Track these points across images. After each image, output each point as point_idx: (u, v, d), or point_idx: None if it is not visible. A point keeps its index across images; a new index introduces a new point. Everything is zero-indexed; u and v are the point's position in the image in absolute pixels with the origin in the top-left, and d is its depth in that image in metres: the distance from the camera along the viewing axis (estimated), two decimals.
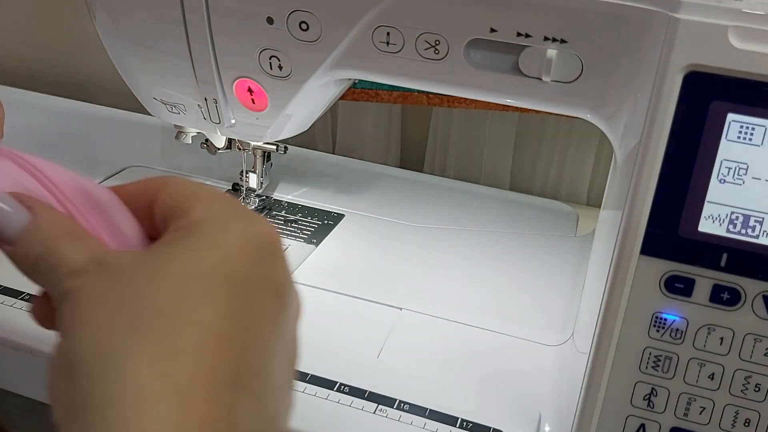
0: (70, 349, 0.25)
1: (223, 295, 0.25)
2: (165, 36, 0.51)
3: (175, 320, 0.24)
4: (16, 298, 0.51)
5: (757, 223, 0.37)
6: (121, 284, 0.25)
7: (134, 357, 0.23)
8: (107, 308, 0.25)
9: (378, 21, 0.44)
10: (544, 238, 0.67)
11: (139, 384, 0.23)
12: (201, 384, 0.24)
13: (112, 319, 0.24)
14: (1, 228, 0.27)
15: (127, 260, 0.26)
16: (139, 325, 0.24)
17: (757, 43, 0.36)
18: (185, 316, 0.24)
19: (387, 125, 0.87)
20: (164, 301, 0.25)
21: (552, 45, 0.42)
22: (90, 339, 0.24)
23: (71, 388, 0.24)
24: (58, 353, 0.25)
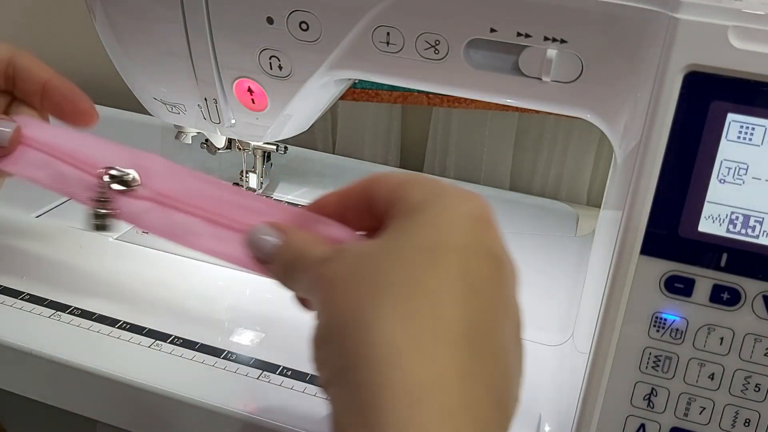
0: (327, 323, 0.30)
1: (449, 263, 0.29)
2: (165, 36, 0.51)
3: (411, 288, 0.28)
4: (16, 298, 0.51)
5: (757, 223, 0.37)
6: (362, 264, 0.30)
7: (382, 320, 0.27)
8: (353, 284, 0.29)
9: (378, 21, 0.44)
10: (544, 238, 0.67)
11: (390, 342, 0.27)
12: (441, 339, 0.27)
13: (358, 291, 0.29)
14: (262, 251, 0.36)
15: (363, 246, 0.31)
16: (380, 294, 0.28)
17: (758, 43, 0.36)
18: (419, 283, 0.28)
19: (387, 125, 0.86)
20: (399, 273, 0.28)
21: (552, 45, 0.42)
22: (342, 310, 0.29)
23: (333, 354, 0.28)
24: (317, 329, 0.30)
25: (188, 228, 0.42)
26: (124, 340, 0.48)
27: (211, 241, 0.41)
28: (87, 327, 0.49)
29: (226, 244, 0.41)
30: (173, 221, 0.42)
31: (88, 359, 0.46)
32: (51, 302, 0.51)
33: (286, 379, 0.46)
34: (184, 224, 0.42)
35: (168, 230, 0.42)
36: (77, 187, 0.44)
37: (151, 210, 0.43)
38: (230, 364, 0.47)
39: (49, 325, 0.49)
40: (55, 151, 0.45)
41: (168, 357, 0.47)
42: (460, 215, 0.31)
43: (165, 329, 0.49)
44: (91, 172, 0.44)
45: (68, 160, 0.45)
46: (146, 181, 0.43)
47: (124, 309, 0.51)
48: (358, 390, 0.27)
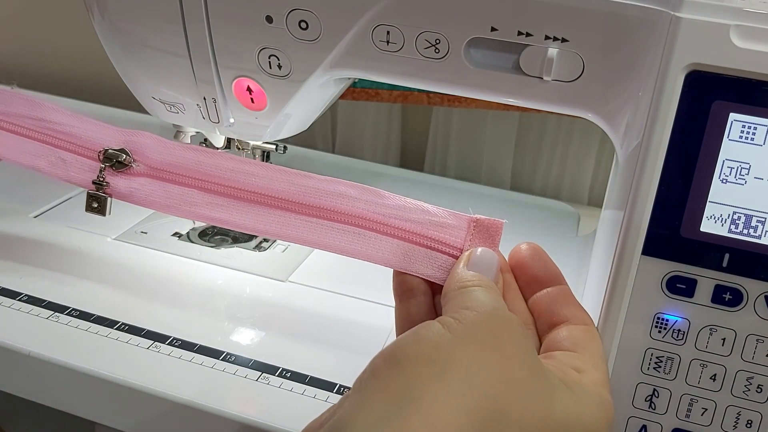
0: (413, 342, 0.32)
1: None
2: (163, 35, 0.50)
3: None
4: (14, 299, 0.51)
5: (759, 224, 0.37)
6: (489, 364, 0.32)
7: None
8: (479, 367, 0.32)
9: (378, 20, 0.44)
10: (545, 238, 0.67)
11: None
12: None
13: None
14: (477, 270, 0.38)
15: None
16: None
17: (760, 42, 0.36)
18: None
19: (387, 125, 0.86)
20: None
21: (553, 44, 0.42)
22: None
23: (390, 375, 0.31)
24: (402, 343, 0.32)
25: (185, 198, 0.43)
26: (123, 341, 0.48)
27: (209, 209, 0.42)
28: (85, 328, 0.49)
29: (224, 210, 0.42)
30: (169, 193, 0.43)
31: (87, 361, 0.46)
32: (49, 303, 0.51)
33: (285, 381, 0.46)
34: (180, 195, 0.43)
35: (166, 203, 0.43)
36: (77, 171, 0.46)
37: (146, 184, 0.44)
38: (229, 366, 0.47)
39: (47, 326, 0.49)
40: (51, 132, 0.47)
41: (167, 358, 0.47)
42: (602, 410, 0.35)
43: (164, 330, 0.49)
44: (89, 155, 0.46)
45: (66, 145, 0.47)
46: (139, 157, 0.45)
47: (123, 310, 0.51)
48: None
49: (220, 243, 0.61)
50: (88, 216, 0.63)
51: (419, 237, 0.40)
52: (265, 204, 0.42)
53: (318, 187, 0.42)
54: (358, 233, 0.41)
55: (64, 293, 0.52)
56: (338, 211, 0.41)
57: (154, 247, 0.60)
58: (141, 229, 0.62)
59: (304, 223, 0.42)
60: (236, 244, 0.61)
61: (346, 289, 0.56)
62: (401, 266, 0.40)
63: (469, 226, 0.40)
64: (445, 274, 0.39)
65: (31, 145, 0.48)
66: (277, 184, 0.42)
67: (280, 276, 0.57)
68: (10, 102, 0.49)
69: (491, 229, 0.40)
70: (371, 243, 0.41)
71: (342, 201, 0.41)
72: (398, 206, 0.41)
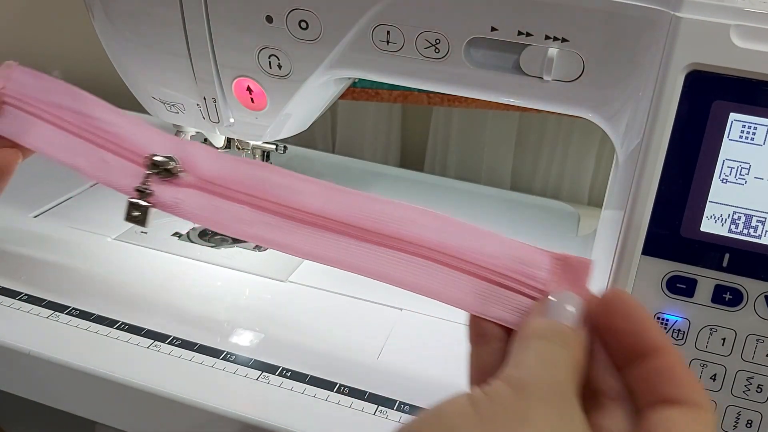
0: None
1: None
2: (163, 35, 0.50)
3: None
4: (14, 299, 0.51)
5: (759, 223, 0.37)
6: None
7: None
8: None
9: (378, 19, 0.44)
10: (545, 238, 0.67)
11: None
12: None
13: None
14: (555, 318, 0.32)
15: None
16: None
17: (760, 42, 0.36)
18: None
19: (387, 125, 0.86)
20: None
21: (553, 44, 0.42)
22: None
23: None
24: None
25: (235, 215, 0.40)
26: (123, 340, 0.48)
27: (261, 229, 0.39)
28: (85, 327, 0.49)
29: (277, 231, 0.39)
30: (218, 208, 0.40)
31: (87, 360, 0.46)
32: (49, 302, 0.51)
33: (285, 380, 0.46)
34: (230, 211, 0.40)
35: (214, 218, 0.40)
36: (119, 175, 0.43)
37: (194, 197, 0.41)
38: (229, 365, 0.47)
39: (47, 325, 0.49)
40: (95, 130, 0.44)
41: (167, 357, 0.47)
42: None
43: (164, 330, 0.49)
44: (135, 160, 0.43)
45: (109, 146, 0.43)
46: (188, 167, 0.41)
47: (123, 309, 0.51)
48: None
49: (220, 243, 0.61)
50: (88, 216, 0.63)
51: (495, 274, 0.35)
52: (322, 227, 0.38)
53: (381, 211, 0.38)
54: (425, 266, 0.36)
55: (65, 293, 0.52)
56: (404, 239, 0.37)
57: (154, 247, 0.60)
58: (141, 229, 0.62)
59: (364, 251, 0.37)
60: (236, 244, 0.61)
61: (346, 289, 0.56)
62: (474, 307, 0.35)
63: (552, 263, 0.35)
64: (521, 319, 0.33)
65: (71, 141, 0.45)
66: (334, 205, 0.38)
67: (280, 276, 0.57)
68: (53, 91, 0.47)
69: (578, 268, 0.34)
70: (440, 278, 0.36)
71: (408, 228, 0.37)
72: (472, 237, 0.36)
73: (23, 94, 0.47)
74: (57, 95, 0.46)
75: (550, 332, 0.30)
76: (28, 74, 0.48)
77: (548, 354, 0.29)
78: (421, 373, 0.48)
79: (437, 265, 0.36)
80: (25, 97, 0.47)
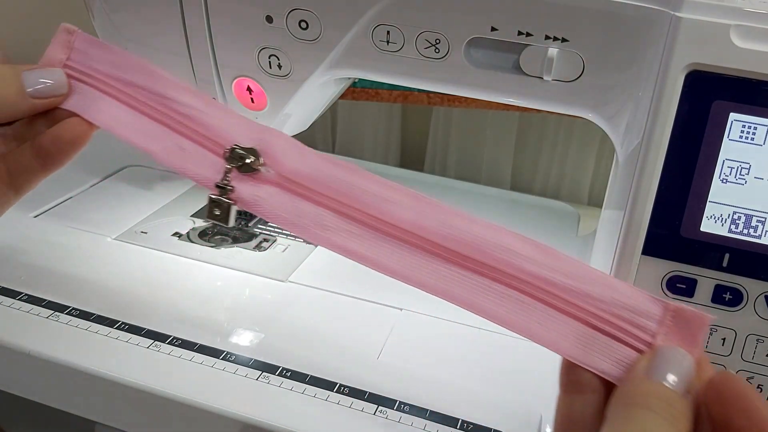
0: None
1: None
2: (164, 35, 0.50)
3: None
4: (14, 299, 0.51)
5: (759, 223, 0.37)
6: None
7: None
8: None
9: (378, 20, 0.44)
10: (545, 238, 0.67)
11: None
12: None
13: None
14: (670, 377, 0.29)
15: None
16: None
17: (760, 42, 0.36)
18: None
19: (387, 125, 0.86)
20: None
21: (553, 44, 0.42)
22: None
23: None
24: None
25: (318, 220, 0.37)
26: (123, 340, 0.48)
27: (344, 238, 0.36)
28: (85, 327, 0.49)
29: (361, 242, 0.36)
30: (300, 210, 0.37)
31: (87, 360, 0.46)
32: (49, 302, 0.51)
33: (285, 380, 0.46)
34: (313, 215, 0.37)
35: (294, 221, 0.37)
36: (196, 165, 0.40)
37: (275, 195, 0.38)
38: (229, 365, 0.47)
39: (47, 325, 0.49)
40: (172, 113, 0.41)
41: (167, 358, 0.47)
42: None
43: (164, 330, 0.49)
44: (213, 149, 0.40)
45: (188, 132, 0.40)
46: (270, 161, 0.38)
47: (123, 309, 0.51)
48: None
49: (220, 243, 0.61)
50: (88, 215, 0.63)
51: (599, 320, 0.32)
52: (411, 243, 0.35)
53: (479, 235, 0.34)
54: (523, 302, 0.33)
55: (64, 293, 0.52)
56: (502, 270, 0.34)
57: (154, 247, 0.60)
58: (141, 229, 0.62)
59: (456, 277, 0.34)
60: (236, 244, 0.61)
61: (346, 289, 0.56)
62: (572, 353, 0.32)
63: (664, 314, 0.31)
64: (624, 373, 0.31)
65: (145, 123, 0.41)
66: (427, 221, 0.35)
67: (280, 276, 0.57)
68: (123, 66, 0.42)
69: (694, 323, 0.30)
70: (538, 317, 0.33)
71: (508, 257, 0.34)
72: (578, 275, 0.33)
73: (89, 66, 0.43)
74: (128, 71, 0.42)
75: (658, 404, 0.27)
76: (93, 44, 0.43)
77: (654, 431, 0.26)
78: (421, 373, 0.48)
79: (538, 303, 0.33)
80: (90, 70, 0.43)
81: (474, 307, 0.34)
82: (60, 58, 0.43)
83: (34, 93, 0.41)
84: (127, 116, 0.41)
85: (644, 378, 0.29)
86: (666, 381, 0.28)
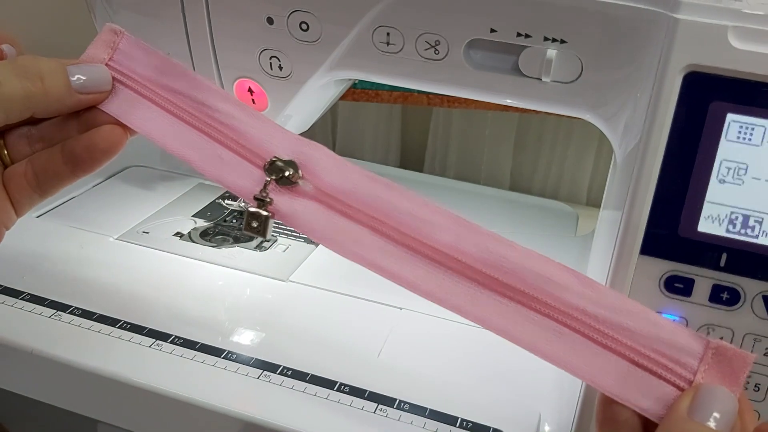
0: None
1: None
2: (165, 36, 0.51)
3: None
4: (17, 298, 0.51)
5: (756, 223, 0.37)
6: None
7: None
8: None
9: (378, 21, 0.44)
10: (543, 238, 0.67)
11: None
12: None
13: None
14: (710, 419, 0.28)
15: None
16: None
17: (757, 43, 0.36)
18: None
19: (387, 125, 0.87)
20: None
21: (552, 45, 0.42)
22: None
23: None
24: None
25: (354, 237, 0.36)
26: (125, 339, 0.48)
27: (380, 257, 0.35)
28: (87, 327, 0.49)
29: (398, 263, 0.35)
30: (337, 226, 0.37)
31: (89, 359, 0.46)
32: (51, 302, 0.51)
33: (286, 379, 0.46)
34: (349, 232, 0.36)
35: (330, 236, 0.37)
36: (234, 175, 0.39)
37: (312, 209, 0.37)
38: (230, 364, 0.47)
39: (49, 324, 0.49)
40: (212, 122, 0.40)
41: (168, 357, 0.47)
42: None
43: (165, 329, 0.49)
44: (252, 160, 0.39)
45: (227, 142, 0.39)
46: (309, 175, 0.38)
47: (125, 309, 0.51)
48: None
49: (221, 243, 0.61)
50: (90, 215, 0.63)
51: (640, 355, 0.31)
52: (448, 266, 0.35)
53: (518, 263, 0.34)
54: (562, 333, 0.32)
55: (67, 292, 0.52)
56: (541, 299, 0.33)
57: (155, 246, 0.60)
58: (143, 229, 0.62)
59: (493, 303, 0.34)
60: (237, 244, 0.61)
61: (346, 289, 0.56)
62: (611, 388, 0.31)
63: (706, 351, 0.31)
64: (663, 410, 0.30)
65: (185, 130, 0.40)
66: (467, 245, 0.34)
67: (281, 275, 0.58)
68: (166, 72, 0.42)
69: (735, 362, 0.30)
70: (577, 350, 0.32)
71: (548, 287, 0.33)
72: (618, 308, 0.32)
73: (131, 69, 0.42)
74: (171, 77, 0.41)
75: None
76: (138, 46, 0.42)
77: None
78: (421, 373, 0.48)
79: (576, 336, 0.32)
80: (132, 72, 0.42)
81: (510, 336, 0.33)
82: (102, 57, 0.42)
83: (80, 88, 0.40)
84: (166, 123, 0.41)
85: (687, 417, 0.28)
86: (710, 421, 0.28)
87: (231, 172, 0.39)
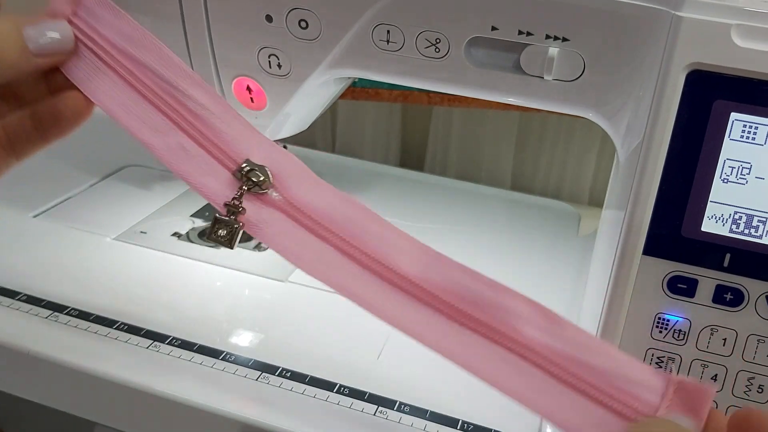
0: None
1: None
2: (163, 34, 0.50)
3: None
4: (14, 299, 0.51)
5: (760, 223, 0.37)
6: None
7: None
8: None
9: (378, 19, 0.44)
10: (545, 239, 0.67)
11: None
12: None
13: None
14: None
15: None
16: None
17: (761, 41, 0.36)
18: None
19: (387, 124, 0.86)
20: None
21: (554, 43, 0.41)
22: None
23: None
24: None
25: (321, 256, 0.35)
26: (122, 341, 0.48)
27: (347, 279, 0.34)
28: (85, 328, 0.49)
29: (364, 286, 0.34)
30: (304, 243, 0.35)
31: (86, 360, 0.46)
32: (48, 303, 0.51)
33: (285, 381, 0.46)
34: (316, 250, 0.35)
35: (296, 251, 0.35)
36: (198, 171, 0.36)
37: (279, 221, 0.35)
38: (229, 366, 0.47)
39: (46, 325, 0.49)
40: (179, 107, 0.36)
41: (166, 358, 0.47)
42: None
43: (163, 330, 0.49)
44: (220, 159, 0.36)
45: (194, 133, 0.36)
46: (279, 184, 0.36)
47: (122, 310, 0.51)
48: None
49: None
50: (87, 215, 0.63)
51: (599, 392, 0.31)
52: (414, 296, 0.34)
53: (484, 295, 0.33)
54: (522, 369, 0.32)
55: (64, 293, 0.52)
56: (504, 333, 0.32)
57: (153, 247, 0.59)
58: (140, 229, 0.62)
59: (453, 333, 0.33)
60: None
61: None
62: (565, 424, 0.31)
63: (668, 387, 0.30)
64: None
65: (149, 112, 0.36)
66: (433, 274, 0.34)
67: (280, 276, 0.57)
68: (140, 44, 0.37)
69: (697, 396, 0.30)
70: (535, 384, 0.32)
71: (510, 319, 0.32)
72: (580, 344, 0.32)
73: (94, 29, 0.37)
74: (139, 48, 0.37)
75: None
76: (106, 7, 0.37)
77: None
78: (421, 373, 0.48)
79: (535, 370, 0.32)
80: (95, 34, 0.37)
81: (470, 366, 0.33)
82: (64, 11, 0.37)
83: (38, 50, 0.35)
84: (127, 98, 0.37)
85: None
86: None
87: (197, 168, 0.36)
